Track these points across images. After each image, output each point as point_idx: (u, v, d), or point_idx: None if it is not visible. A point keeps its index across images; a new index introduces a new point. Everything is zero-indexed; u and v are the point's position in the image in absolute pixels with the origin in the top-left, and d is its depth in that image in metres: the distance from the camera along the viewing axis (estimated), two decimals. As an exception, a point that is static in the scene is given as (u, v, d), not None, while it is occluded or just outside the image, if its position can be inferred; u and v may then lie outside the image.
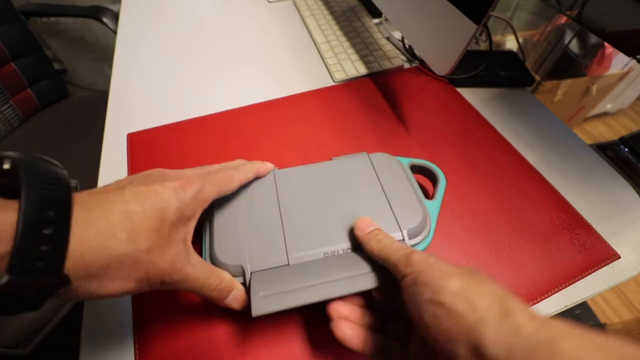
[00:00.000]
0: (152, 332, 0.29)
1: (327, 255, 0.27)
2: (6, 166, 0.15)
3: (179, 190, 0.21)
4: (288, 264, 0.27)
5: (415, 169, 0.36)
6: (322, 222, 0.29)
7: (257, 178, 0.31)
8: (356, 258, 0.26)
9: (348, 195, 0.31)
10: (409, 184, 0.32)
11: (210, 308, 0.30)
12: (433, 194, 0.34)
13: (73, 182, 0.18)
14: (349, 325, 0.23)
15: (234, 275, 0.26)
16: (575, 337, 0.14)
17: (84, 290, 0.17)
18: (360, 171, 0.33)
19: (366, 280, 0.24)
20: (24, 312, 0.16)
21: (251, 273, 0.26)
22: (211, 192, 0.24)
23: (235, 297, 0.25)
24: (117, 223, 0.18)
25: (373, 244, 0.24)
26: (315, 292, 0.24)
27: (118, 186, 0.20)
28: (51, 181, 0.16)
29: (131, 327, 0.29)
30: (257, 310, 0.23)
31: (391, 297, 0.25)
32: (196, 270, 0.22)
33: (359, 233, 0.26)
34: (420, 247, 0.30)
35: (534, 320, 0.15)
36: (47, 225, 0.15)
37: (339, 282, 0.24)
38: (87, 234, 0.16)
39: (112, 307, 0.31)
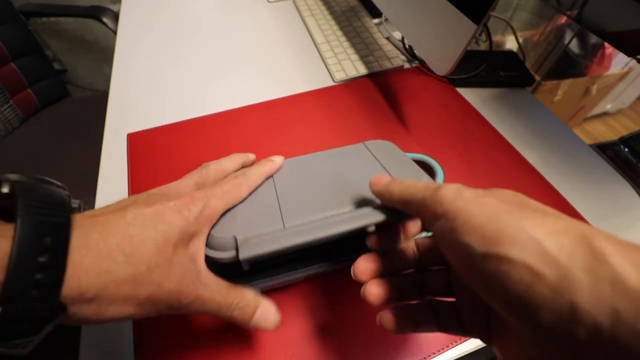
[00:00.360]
0: (152, 332, 0.29)
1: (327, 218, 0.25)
2: (5, 190, 0.15)
3: (182, 209, 0.20)
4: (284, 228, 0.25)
5: None
6: (320, 192, 0.27)
7: None
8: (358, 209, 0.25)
9: (348, 171, 0.29)
10: (410, 162, 0.30)
11: (210, 308, 0.30)
12: None
13: (75, 203, 0.17)
14: (377, 284, 0.21)
15: (229, 249, 0.23)
16: None
17: (82, 316, 0.17)
18: (359, 154, 0.32)
19: (370, 216, 0.22)
20: (20, 340, 0.16)
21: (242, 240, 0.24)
22: (218, 206, 0.23)
23: (264, 316, 0.22)
24: (115, 246, 0.17)
25: (393, 188, 0.20)
26: (311, 233, 0.23)
27: (119, 207, 0.19)
28: (49, 205, 0.16)
29: (131, 327, 0.29)
30: (245, 253, 0.21)
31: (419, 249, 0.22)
32: (210, 290, 0.21)
33: (375, 187, 0.22)
34: None
35: (637, 263, 0.11)
36: (43, 252, 0.15)
37: (338, 221, 0.23)
38: (84, 259, 0.16)
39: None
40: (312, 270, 0.28)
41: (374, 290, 0.20)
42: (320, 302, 0.30)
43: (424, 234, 0.25)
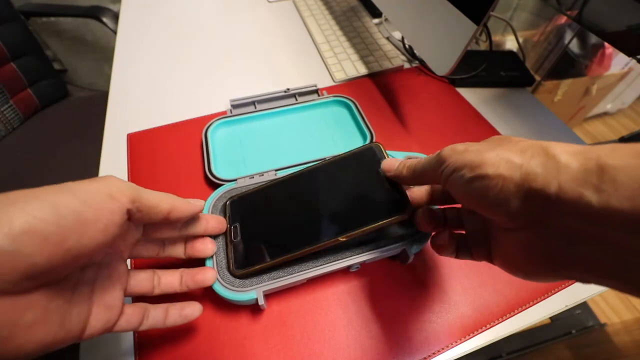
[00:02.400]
0: (152, 332, 0.29)
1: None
2: None
3: None
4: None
5: None
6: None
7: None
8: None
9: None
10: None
11: (212, 311, 0.30)
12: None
13: None
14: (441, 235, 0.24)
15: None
16: (617, 154, 0.14)
17: None
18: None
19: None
20: None
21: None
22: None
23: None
24: None
25: (404, 172, 0.25)
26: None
27: None
28: None
29: (131, 327, 0.29)
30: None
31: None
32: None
33: (389, 173, 0.27)
34: (420, 242, 0.30)
35: (577, 155, 0.15)
36: None
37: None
38: None
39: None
40: (313, 273, 0.28)
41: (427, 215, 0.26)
42: (321, 304, 0.30)
43: None
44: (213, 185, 0.37)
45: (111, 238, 0.18)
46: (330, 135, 0.42)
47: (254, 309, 0.30)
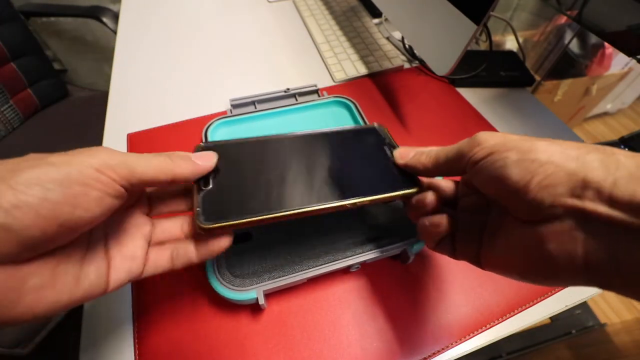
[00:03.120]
0: (153, 333, 0.29)
1: None
2: None
3: None
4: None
5: None
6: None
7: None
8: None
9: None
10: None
11: (212, 311, 0.30)
12: None
13: None
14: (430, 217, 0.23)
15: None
16: None
17: None
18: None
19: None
20: None
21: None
22: None
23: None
24: None
25: (423, 159, 0.24)
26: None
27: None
28: None
29: (131, 328, 0.29)
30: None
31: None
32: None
33: (401, 161, 0.25)
34: (420, 242, 0.30)
35: (634, 156, 0.15)
36: None
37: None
38: None
39: (113, 307, 0.31)
40: (313, 273, 0.28)
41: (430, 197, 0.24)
42: (321, 304, 0.30)
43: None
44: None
45: (109, 208, 0.17)
46: None
47: (254, 308, 0.30)
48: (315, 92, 0.46)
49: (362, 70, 0.52)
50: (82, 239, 0.19)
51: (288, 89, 0.45)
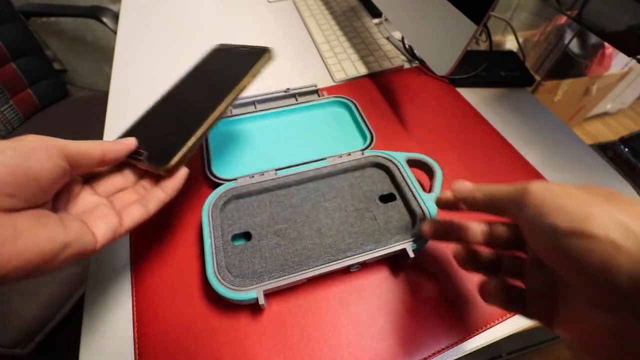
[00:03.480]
0: (153, 333, 0.29)
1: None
2: None
3: None
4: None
5: (412, 163, 0.36)
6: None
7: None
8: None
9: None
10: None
11: (212, 311, 0.30)
12: (430, 187, 0.34)
13: None
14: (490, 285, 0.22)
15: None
16: None
17: None
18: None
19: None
20: None
21: None
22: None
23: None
24: None
25: (477, 194, 0.22)
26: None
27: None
28: None
29: (131, 328, 0.29)
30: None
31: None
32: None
33: (459, 194, 0.24)
34: (421, 242, 0.30)
35: None
36: None
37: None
38: None
39: (113, 308, 0.31)
40: (313, 273, 0.28)
41: (460, 249, 0.24)
42: (321, 304, 0.30)
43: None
44: (213, 184, 0.37)
45: (59, 166, 0.21)
46: (330, 135, 0.42)
47: (254, 308, 0.30)
48: (315, 92, 0.46)
49: (362, 70, 0.52)
50: (57, 202, 0.23)
51: (288, 89, 0.45)
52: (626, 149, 0.44)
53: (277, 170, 0.36)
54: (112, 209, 0.25)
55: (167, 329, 0.29)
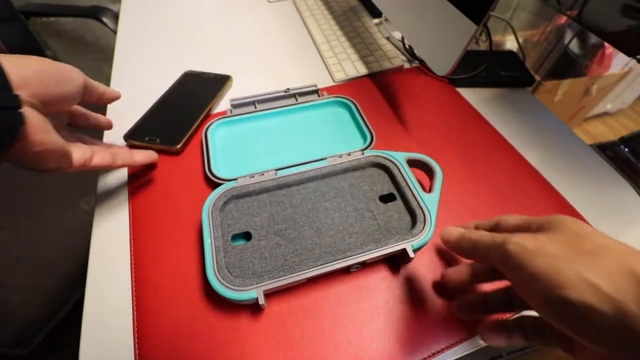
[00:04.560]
0: (153, 333, 0.29)
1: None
2: None
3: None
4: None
5: (412, 163, 0.36)
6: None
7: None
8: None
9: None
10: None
11: (212, 311, 0.30)
12: (430, 187, 0.34)
13: None
14: (491, 330, 0.25)
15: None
16: None
17: (36, 99, 0.25)
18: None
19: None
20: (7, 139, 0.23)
21: None
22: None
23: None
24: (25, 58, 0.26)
25: (464, 244, 0.24)
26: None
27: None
28: None
29: (131, 328, 0.29)
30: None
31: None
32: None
33: (447, 244, 0.27)
34: (420, 242, 0.30)
35: None
36: None
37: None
38: (12, 63, 0.24)
39: (113, 307, 0.31)
40: (313, 272, 0.28)
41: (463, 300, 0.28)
42: (321, 304, 0.30)
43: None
44: (213, 184, 0.37)
45: (78, 92, 0.29)
46: (331, 135, 0.42)
47: (254, 308, 0.30)
48: (315, 92, 0.46)
49: (362, 70, 0.52)
50: (61, 124, 0.32)
51: (288, 89, 0.45)
52: (626, 149, 0.44)
53: (277, 170, 0.36)
54: (87, 147, 0.31)
55: (167, 329, 0.29)
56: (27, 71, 0.25)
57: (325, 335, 0.29)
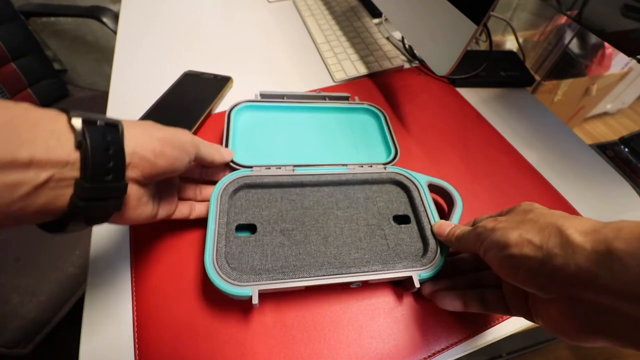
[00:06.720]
0: (153, 332, 0.29)
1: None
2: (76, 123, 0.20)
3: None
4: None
5: (432, 188, 0.35)
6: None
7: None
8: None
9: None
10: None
11: (212, 311, 0.30)
12: (448, 217, 0.33)
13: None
14: (447, 295, 0.28)
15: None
16: (623, 237, 0.16)
17: (141, 171, 0.24)
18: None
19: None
20: (112, 203, 0.23)
21: None
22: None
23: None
24: (148, 130, 0.25)
25: (453, 240, 0.28)
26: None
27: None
28: (103, 117, 0.22)
29: (132, 328, 0.29)
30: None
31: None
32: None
33: (440, 237, 0.30)
34: (429, 273, 0.29)
35: (587, 235, 0.17)
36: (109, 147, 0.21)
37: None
38: (133, 140, 0.23)
39: (113, 307, 0.31)
40: (311, 282, 0.28)
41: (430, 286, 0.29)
42: (321, 304, 0.30)
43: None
44: (228, 167, 0.35)
45: (186, 167, 0.28)
46: (354, 142, 0.41)
47: (254, 307, 0.30)
48: (346, 98, 0.45)
49: (362, 70, 0.52)
50: (158, 186, 0.29)
51: (320, 92, 0.44)
52: (626, 149, 0.44)
53: (295, 166, 0.35)
54: (186, 205, 0.32)
55: (167, 328, 0.29)
56: (145, 152, 0.24)
57: (325, 336, 0.29)
